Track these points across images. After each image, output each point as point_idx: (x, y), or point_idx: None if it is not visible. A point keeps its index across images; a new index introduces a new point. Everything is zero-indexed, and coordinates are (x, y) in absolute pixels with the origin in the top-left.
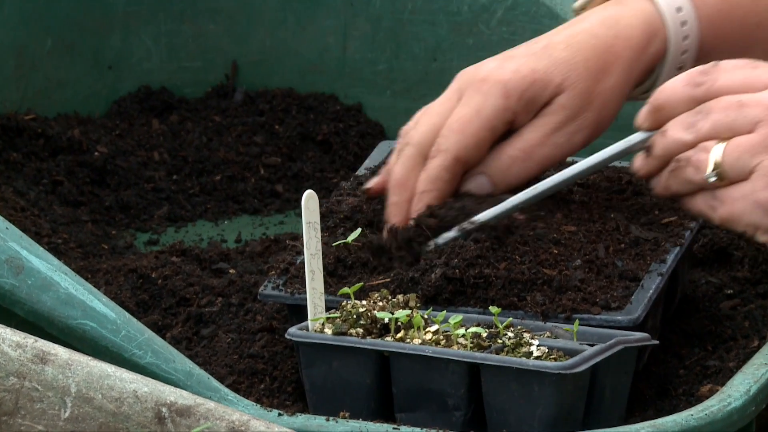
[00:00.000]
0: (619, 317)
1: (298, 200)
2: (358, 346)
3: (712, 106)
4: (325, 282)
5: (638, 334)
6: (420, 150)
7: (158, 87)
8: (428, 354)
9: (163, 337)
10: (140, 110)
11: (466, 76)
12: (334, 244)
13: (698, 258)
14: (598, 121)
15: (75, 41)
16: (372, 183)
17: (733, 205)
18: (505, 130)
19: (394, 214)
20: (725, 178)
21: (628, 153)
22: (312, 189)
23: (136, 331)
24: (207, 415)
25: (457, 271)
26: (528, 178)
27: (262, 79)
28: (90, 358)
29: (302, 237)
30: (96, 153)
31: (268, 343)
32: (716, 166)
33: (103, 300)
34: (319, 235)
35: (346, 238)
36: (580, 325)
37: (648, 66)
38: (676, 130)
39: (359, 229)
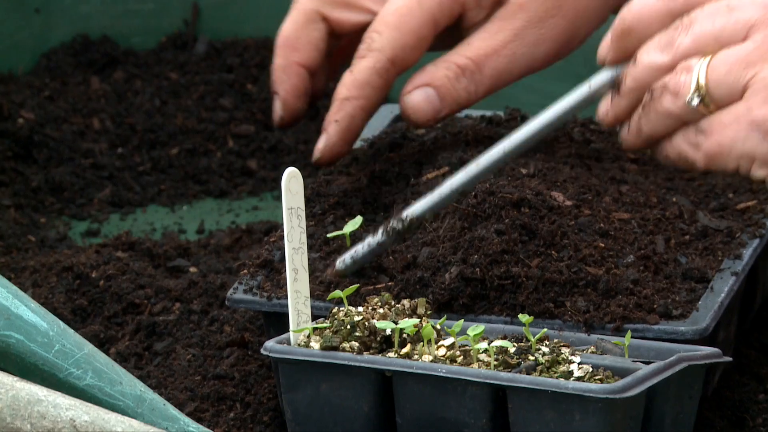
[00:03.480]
0: (683, 328)
1: (277, 180)
2: (352, 364)
3: (694, 17)
4: (312, 283)
5: (706, 350)
6: (319, 5)
7: (98, 36)
8: (441, 374)
9: (107, 352)
10: (76, 65)
11: None
12: (329, 236)
13: None
14: (569, 33)
15: None
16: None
17: (723, 134)
18: (451, 25)
19: (280, 81)
20: (712, 101)
21: (592, 101)
22: (294, 166)
23: (73, 346)
24: None
25: (477, 269)
26: (478, 96)
27: (230, 25)
28: (16, 378)
29: (282, 226)
30: (20, 120)
31: (239, 360)
32: (699, 87)
33: (31, 306)
34: (303, 224)
35: (337, 228)
36: (633, 337)
37: None
38: (650, 53)
39: (359, 218)
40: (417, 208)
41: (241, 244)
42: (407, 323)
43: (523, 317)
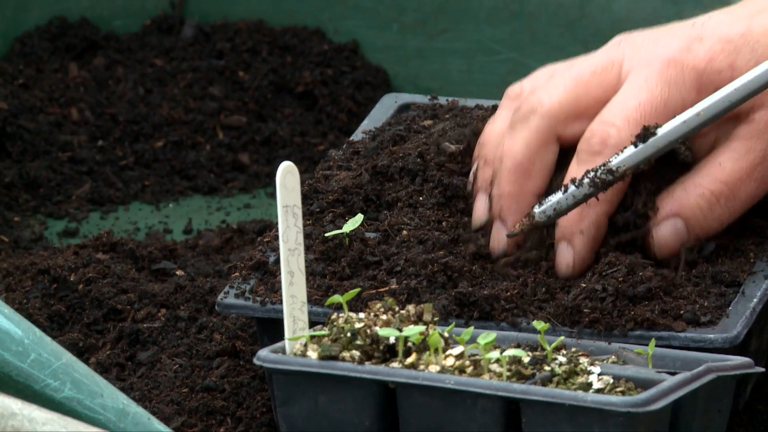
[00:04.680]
0: (712, 336)
1: (271, 175)
2: (353, 375)
3: None
4: (309, 287)
5: (737, 359)
6: (555, 124)
7: (77, 18)
8: (449, 386)
9: (87, 362)
10: (52, 50)
11: (632, 45)
12: (328, 235)
13: None
14: None
15: None
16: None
17: None
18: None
19: (511, 212)
20: None
21: None
22: (290, 160)
23: (50, 355)
24: None
25: None
26: (728, 225)
27: (220, 7)
28: None
29: (276, 226)
30: None
31: (230, 371)
32: None
33: (4, 312)
34: (300, 223)
35: (336, 227)
36: (657, 346)
37: None
38: None
39: (360, 216)
40: (629, 157)
41: (232, 244)
42: (412, 331)
43: (539, 324)
